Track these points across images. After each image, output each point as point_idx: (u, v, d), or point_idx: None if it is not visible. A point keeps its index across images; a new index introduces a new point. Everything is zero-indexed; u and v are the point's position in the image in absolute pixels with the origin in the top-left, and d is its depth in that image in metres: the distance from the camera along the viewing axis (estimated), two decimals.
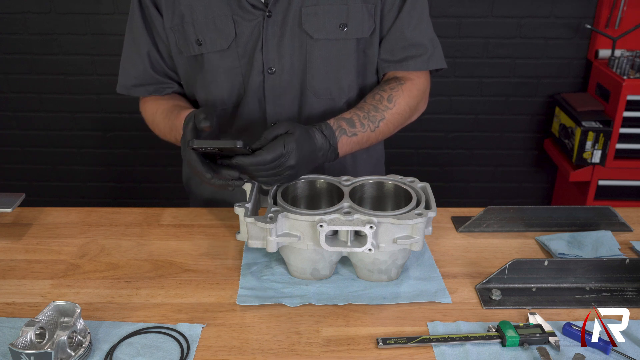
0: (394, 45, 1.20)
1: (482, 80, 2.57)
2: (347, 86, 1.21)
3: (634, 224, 1.16)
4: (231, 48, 1.16)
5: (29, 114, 2.65)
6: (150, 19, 1.19)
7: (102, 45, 2.49)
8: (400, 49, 1.20)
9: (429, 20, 1.22)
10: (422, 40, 1.20)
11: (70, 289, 0.97)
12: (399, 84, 1.17)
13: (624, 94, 2.19)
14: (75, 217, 1.20)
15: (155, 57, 1.23)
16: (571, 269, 0.97)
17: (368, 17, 1.16)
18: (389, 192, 1.04)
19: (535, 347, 0.83)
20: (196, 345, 0.84)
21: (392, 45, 1.20)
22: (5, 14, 2.45)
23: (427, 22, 1.21)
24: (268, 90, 1.18)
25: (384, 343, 0.83)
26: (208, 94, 1.22)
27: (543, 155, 2.70)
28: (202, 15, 1.15)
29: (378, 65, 1.23)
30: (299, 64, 1.17)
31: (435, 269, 1.02)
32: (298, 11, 1.14)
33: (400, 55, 1.20)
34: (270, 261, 1.04)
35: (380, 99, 1.14)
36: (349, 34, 1.16)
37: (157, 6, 1.18)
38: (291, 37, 1.15)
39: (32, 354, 0.76)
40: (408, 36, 1.19)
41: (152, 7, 1.18)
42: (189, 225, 1.17)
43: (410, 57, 1.20)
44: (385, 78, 1.23)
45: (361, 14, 1.15)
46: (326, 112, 1.21)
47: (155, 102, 1.25)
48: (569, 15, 2.44)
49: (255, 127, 1.22)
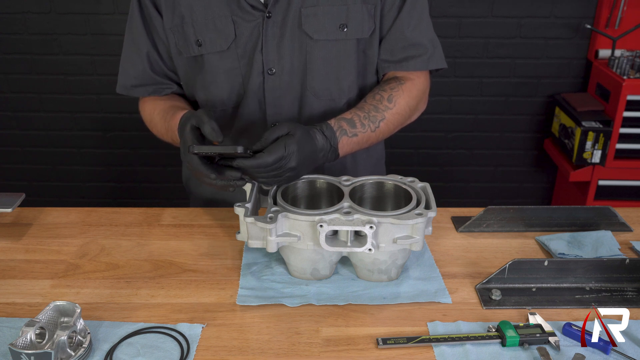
0: (394, 45, 1.20)
1: (482, 80, 2.57)
2: (347, 87, 1.21)
3: (634, 224, 1.16)
4: (231, 49, 1.16)
5: (29, 114, 2.65)
6: (150, 19, 1.19)
7: (102, 45, 2.49)
8: (400, 49, 1.19)
9: (429, 20, 1.22)
10: (422, 40, 1.20)
11: (70, 289, 0.97)
12: (399, 84, 1.17)
13: (624, 94, 2.19)
14: (75, 217, 1.20)
15: (154, 58, 1.23)
16: (571, 269, 0.97)
17: (368, 18, 1.16)
18: (389, 192, 1.04)
19: (535, 347, 0.83)
20: (196, 345, 0.84)
21: (392, 45, 1.20)
22: (5, 14, 2.45)
23: (427, 22, 1.21)
24: (268, 91, 1.18)
25: (384, 343, 0.83)
26: (208, 94, 1.22)
27: (543, 155, 2.70)
28: (202, 16, 1.15)
29: (378, 65, 1.23)
30: (299, 65, 1.17)
31: (435, 269, 1.02)
32: (298, 12, 1.14)
33: (400, 56, 1.20)
34: (270, 261, 1.04)
35: (380, 99, 1.14)
36: (349, 34, 1.16)
37: (157, 6, 1.18)
38: (291, 37, 1.15)
39: (32, 354, 0.76)
40: (408, 36, 1.19)
41: (152, 7, 1.18)
42: (189, 225, 1.17)
43: (410, 57, 1.20)
44: (385, 78, 1.23)
45: (361, 14, 1.15)
46: (326, 112, 1.21)
47: (153, 102, 1.25)
48: (569, 15, 2.44)
49: (256, 127, 1.22)
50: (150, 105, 1.25)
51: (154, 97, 1.26)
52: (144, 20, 1.20)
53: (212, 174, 0.92)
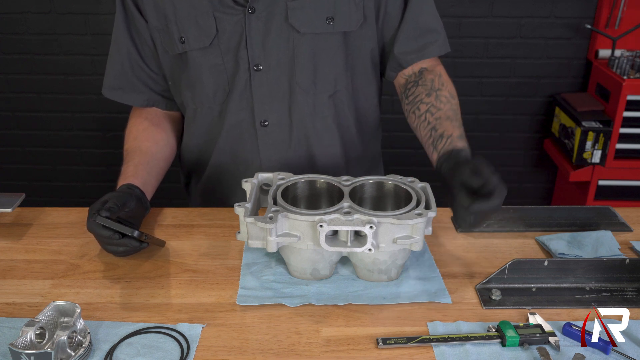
0: (409, 34, 1.20)
1: (482, 80, 2.57)
2: (334, 80, 1.20)
3: (634, 224, 1.16)
4: (213, 45, 1.15)
5: (29, 114, 2.65)
6: (132, 19, 1.19)
7: (102, 45, 2.49)
8: (416, 37, 1.20)
9: (432, 1, 1.22)
10: (435, 25, 1.22)
11: (70, 289, 0.97)
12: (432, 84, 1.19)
13: (624, 94, 2.19)
14: (75, 217, 1.20)
15: (134, 58, 1.23)
16: (571, 269, 0.97)
17: (355, 10, 1.15)
18: (389, 192, 1.04)
19: (535, 347, 0.83)
20: (196, 345, 0.84)
21: (407, 35, 1.20)
22: (5, 14, 2.45)
23: (433, 4, 1.22)
24: (255, 87, 1.17)
25: (384, 343, 0.83)
26: (193, 92, 1.21)
27: (543, 155, 2.70)
28: (185, 12, 1.14)
29: (399, 60, 1.22)
30: (286, 60, 1.16)
31: (435, 269, 1.02)
32: (284, 5, 1.13)
33: (417, 44, 1.20)
34: (270, 261, 1.04)
35: (437, 104, 1.17)
36: (336, 27, 1.15)
37: (139, 7, 1.18)
38: (277, 32, 1.14)
39: (32, 354, 0.76)
40: (421, 23, 1.20)
41: (134, 8, 1.18)
42: (189, 225, 1.17)
43: (428, 44, 1.21)
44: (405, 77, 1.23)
45: (348, 6, 1.14)
46: (315, 107, 1.20)
47: (133, 127, 1.26)
48: (569, 15, 2.44)
49: (244, 125, 1.21)
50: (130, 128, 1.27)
51: (135, 118, 1.28)
52: (126, 20, 1.20)
53: (114, 237, 0.98)
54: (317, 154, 1.24)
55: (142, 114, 1.28)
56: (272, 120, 1.20)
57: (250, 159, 1.24)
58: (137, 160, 1.17)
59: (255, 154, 1.23)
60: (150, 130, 1.25)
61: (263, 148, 1.22)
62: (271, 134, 1.21)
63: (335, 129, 1.24)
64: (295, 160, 1.23)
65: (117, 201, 1.00)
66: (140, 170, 1.15)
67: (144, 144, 1.22)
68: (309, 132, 1.22)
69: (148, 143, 1.22)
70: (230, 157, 1.25)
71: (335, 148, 1.25)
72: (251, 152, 1.23)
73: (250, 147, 1.22)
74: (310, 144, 1.23)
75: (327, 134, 1.23)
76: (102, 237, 0.98)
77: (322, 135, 1.23)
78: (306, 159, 1.24)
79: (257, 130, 1.21)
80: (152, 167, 1.19)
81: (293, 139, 1.22)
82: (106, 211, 0.97)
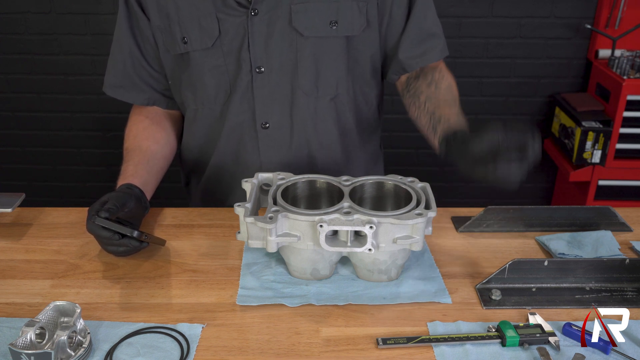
0: (413, 39, 1.20)
1: (482, 80, 2.57)
2: (336, 84, 1.20)
3: (634, 224, 1.16)
4: (215, 46, 1.15)
5: (29, 114, 2.65)
6: (136, 19, 1.19)
7: (102, 45, 2.49)
8: (419, 43, 1.21)
9: (434, 6, 1.23)
10: (436, 30, 1.22)
11: (70, 289, 0.97)
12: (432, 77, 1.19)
13: (624, 94, 2.19)
14: (75, 217, 1.20)
15: (137, 56, 1.23)
16: (571, 269, 0.97)
17: (359, 15, 1.16)
18: (389, 192, 1.04)
19: (535, 347, 0.83)
20: (196, 345, 0.84)
21: (411, 39, 1.20)
22: (5, 14, 2.45)
23: (434, 10, 1.23)
24: (257, 89, 1.17)
25: (384, 343, 0.83)
26: (195, 92, 1.22)
27: (543, 155, 2.70)
28: (188, 13, 1.15)
29: (403, 64, 1.22)
30: (289, 63, 1.16)
31: (435, 269, 1.02)
32: (288, 8, 1.13)
33: (420, 49, 1.21)
34: (270, 261, 1.04)
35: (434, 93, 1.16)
36: (339, 31, 1.16)
37: (142, 6, 1.18)
38: (280, 35, 1.14)
39: (32, 354, 0.76)
40: (425, 28, 1.20)
41: (137, 7, 1.18)
42: (189, 225, 1.17)
43: (429, 49, 1.21)
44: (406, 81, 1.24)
45: (351, 11, 1.15)
46: (317, 110, 1.21)
47: (133, 125, 1.26)
48: (569, 15, 2.44)
49: (245, 126, 1.21)
50: (130, 127, 1.26)
51: (136, 116, 1.27)
52: (129, 18, 1.20)
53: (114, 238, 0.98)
54: (317, 156, 1.24)
55: (143, 112, 1.28)
56: (273, 123, 1.20)
57: (251, 160, 1.24)
58: (137, 160, 1.17)
59: (255, 155, 1.23)
60: (151, 129, 1.25)
61: (264, 149, 1.22)
62: (272, 136, 1.21)
63: (336, 131, 1.24)
64: (296, 162, 1.23)
65: (117, 201, 1.00)
66: (140, 170, 1.15)
67: (144, 142, 1.22)
68: (310, 134, 1.22)
69: (148, 142, 1.22)
70: (231, 158, 1.25)
71: (335, 150, 1.26)
72: (252, 153, 1.23)
73: (251, 148, 1.23)
74: (310, 146, 1.23)
75: (328, 137, 1.24)
76: (101, 238, 0.98)
77: (323, 137, 1.23)
78: (306, 160, 1.24)
79: (258, 132, 1.21)
80: (152, 166, 1.19)
81: (294, 141, 1.22)
82: (105, 212, 0.97)
